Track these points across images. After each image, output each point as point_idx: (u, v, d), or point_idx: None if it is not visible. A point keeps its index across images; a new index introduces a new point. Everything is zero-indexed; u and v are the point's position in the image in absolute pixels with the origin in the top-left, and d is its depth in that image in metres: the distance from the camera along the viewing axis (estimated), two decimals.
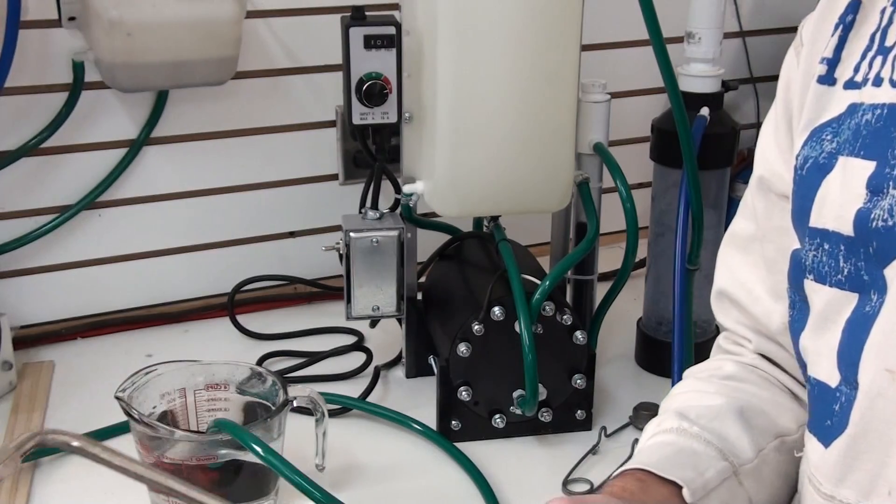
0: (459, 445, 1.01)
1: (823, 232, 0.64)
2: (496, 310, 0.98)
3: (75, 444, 0.61)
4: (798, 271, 0.68)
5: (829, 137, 0.65)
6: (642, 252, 1.16)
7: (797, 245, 0.68)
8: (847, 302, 0.63)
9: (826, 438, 0.65)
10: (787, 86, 0.73)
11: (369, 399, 1.09)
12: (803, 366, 0.68)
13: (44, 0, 1.11)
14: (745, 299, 0.79)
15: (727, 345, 0.83)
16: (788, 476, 0.75)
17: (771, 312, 0.76)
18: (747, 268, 0.79)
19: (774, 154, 0.74)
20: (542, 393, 1.00)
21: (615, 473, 0.72)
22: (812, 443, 0.67)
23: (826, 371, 0.64)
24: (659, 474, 0.69)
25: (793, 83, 0.72)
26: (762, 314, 0.77)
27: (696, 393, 0.78)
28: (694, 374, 0.83)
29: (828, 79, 0.67)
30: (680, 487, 0.68)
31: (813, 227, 0.65)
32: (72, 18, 1.11)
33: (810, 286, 0.66)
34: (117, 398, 0.85)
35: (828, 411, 0.64)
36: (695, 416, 0.74)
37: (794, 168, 0.69)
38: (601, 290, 1.15)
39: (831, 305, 0.64)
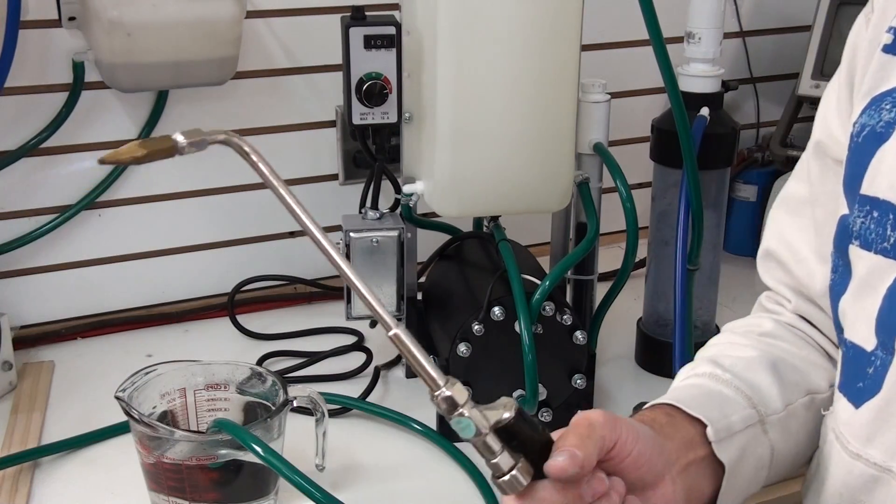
0: (459, 445, 1.00)
1: (874, 200, 0.65)
2: (496, 310, 0.98)
3: (253, 157, 0.60)
4: (844, 236, 0.69)
5: (888, 107, 0.66)
6: (642, 252, 1.16)
7: (846, 210, 0.70)
8: (891, 270, 0.64)
9: (857, 399, 0.67)
10: (853, 52, 0.74)
11: (369, 399, 1.09)
12: (840, 329, 0.70)
13: (44, 0, 1.12)
14: (790, 260, 0.80)
15: (768, 303, 0.85)
16: (813, 434, 0.76)
17: (814, 274, 0.78)
18: (796, 229, 0.80)
19: (834, 119, 0.76)
20: (542, 393, 1.00)
21: (646, 406, 0.74)
22: (842, 402, 0.69)
23: (863, 335, 0.66)
24: (686, 411, 0.71)
25: (858, 50, 0.73)
26: (805, 275, 0.79)
27: (730, 345, 0.81)
28: (732, 329, 0.85)
29: (893, 48, 0.68)
30: (705, 427, 0.70)
31: (864, 195, 0.66)
32: (72, 18, 1.12)
33: (855, 252, 0.68)
34: (117, 398, 0.85)
35: (861, 374, 0.66)
36: (728, 364, 0.76)
37: (851, 135, 0.70)
38: (601, 290, 1.15)
39: (874, 272, 0.65)
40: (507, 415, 0.59)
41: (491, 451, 0.59)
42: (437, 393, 0.60)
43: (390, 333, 0.58)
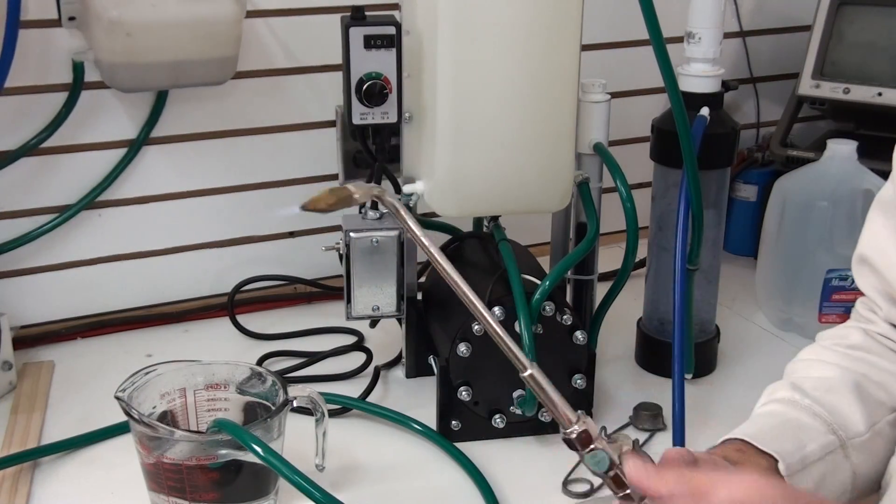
0: (459, 445, 1.01)
1: None
2: (496, 310, 0.98)
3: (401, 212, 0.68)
4: None
5: None
6: (642, 252, 1.16)
7: None
8: None
9: None
10: None
11: (369, 399, 1.09)
12: None
13: (44, 0, 1.12)
14: (881, 263, 0.80)
15: (862, 310, 0.84)
16: None
17: None
18: (886, 232, 0.80)
19: None
20: None
21: (718, 442, 0.74)
22: None
23: None
24: (757, 446, 0.71)
25: None
26: (895, 279, 0.78)
27: (815, 362, 0.80)
28: (820, 339, 0.84)
29: None
30: (777, 461, 0.70)
31: None
32: (72, 18, 1.12)
33: None
34: (117, 398, 0.85)
35: None
36: (809, 387, 0.76)
37: None
38: (601, 290, 1.15)
39: None
40: (627, 445, 0.59)
41: (621, 484, 0.58)
42: (570, 430, 0.59)
43: (525, 374, 0.59)
